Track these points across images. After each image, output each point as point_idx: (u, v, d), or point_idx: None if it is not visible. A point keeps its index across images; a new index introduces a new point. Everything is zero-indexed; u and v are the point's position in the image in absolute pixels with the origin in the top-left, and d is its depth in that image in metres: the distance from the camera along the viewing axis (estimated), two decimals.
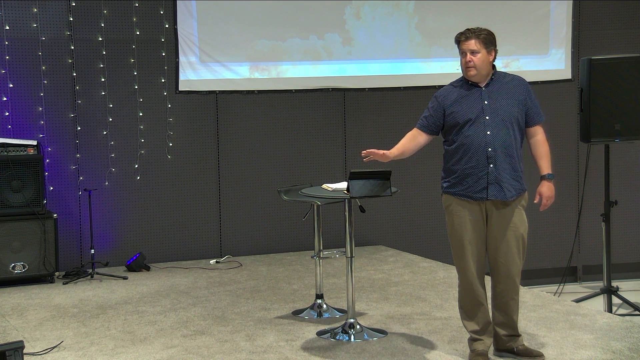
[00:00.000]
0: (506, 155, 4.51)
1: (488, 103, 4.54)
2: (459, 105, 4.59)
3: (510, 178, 4.53)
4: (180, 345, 5.09)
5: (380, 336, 5.18)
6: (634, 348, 4.85)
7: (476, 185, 4.54)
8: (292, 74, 7.92)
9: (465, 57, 4.57)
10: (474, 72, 4.55)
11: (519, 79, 4.69)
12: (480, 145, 4.51)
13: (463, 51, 4.57)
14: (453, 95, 4.64)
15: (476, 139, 4.52)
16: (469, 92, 4.60)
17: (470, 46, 4.54)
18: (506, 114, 4.52)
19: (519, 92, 4.59)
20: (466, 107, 4.57)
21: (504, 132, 4.51)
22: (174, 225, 7.68)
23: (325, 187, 5.38)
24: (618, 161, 8.20)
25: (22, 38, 7.21)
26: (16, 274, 6.81)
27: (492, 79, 4.62)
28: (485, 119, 4.51)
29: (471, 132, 4.53)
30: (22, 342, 4.41)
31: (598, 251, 7.15)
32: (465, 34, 4.57)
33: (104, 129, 7.45)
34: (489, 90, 4.59)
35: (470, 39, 4.54)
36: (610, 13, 8.59)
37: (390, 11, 8.10)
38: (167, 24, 7.56)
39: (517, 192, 4.56)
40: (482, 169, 4.52)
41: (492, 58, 4.60)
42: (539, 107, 4.64)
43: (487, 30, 4.61)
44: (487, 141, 4.50)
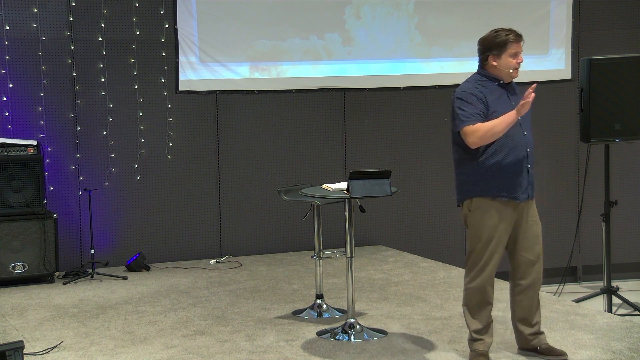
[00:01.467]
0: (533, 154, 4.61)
1: (514, 104, 4.55)
2: (497, 103, 4.53)
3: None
4: (180, 345, 5.09)
5: (380, 336, 5.18)
6: (634, 348, 4.85)
7: (520, 185, 4.54)
8: (292, 74, 7.92)
9: (516, 58, 4.53)
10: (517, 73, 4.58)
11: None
12: (521, 146, 4.53)
13: (515, 52, 4.52)
14: (486, 91, 4.55)
15: (517, 140, 4.52)
16: (500, 92, 4.58)
17: (521, 47, 4.55)
18: (526, 115, 4.57)
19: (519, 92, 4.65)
20: (504, 107, 4.52)
21: (530, 134, 4.60)
22: (174, 225, 7.68)
23: (325, 187, 5.38)
24: (618, 161, 8.20)
25: (22, 38, 7.21)
26: (16, 274, 6.81)
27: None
28: (518, 120, 4.51)
29: (512, 132, 4.51)
30: (22, 342, 4.42)
31: (598, 251, 7.15)
32: (515, 33, 4.54)
33: (104, 129, 7.45)
34: (508, 90, 4.61)
35: (520, 40, 4.54)
36: (610, 13, 8.59)
37: (390, 11, 8.10)
38: (167, 24, 7.56)
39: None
40: (524, 169, 4.55)
41: None
42: None
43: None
44: (526, 141, 4.55)
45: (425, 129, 8.31)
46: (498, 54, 4.54)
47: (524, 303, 4.68)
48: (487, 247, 4.54)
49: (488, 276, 4.59)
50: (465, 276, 4.66)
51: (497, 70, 4.57)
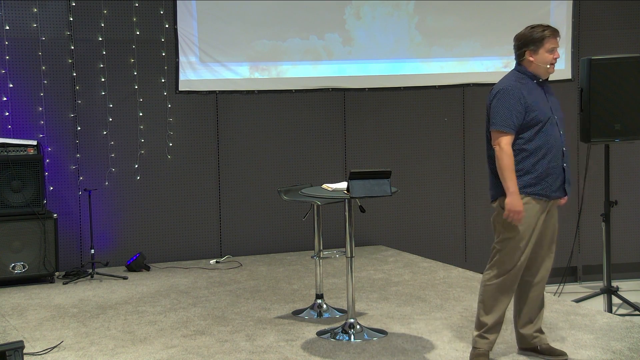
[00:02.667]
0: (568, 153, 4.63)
1: (550, 103, 4.58)
2: (536, 102, 4.52)
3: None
4: (180, 345, 5.09)
5: (380, 336, 5.18)
6: (634, 348, 4.85)
7: (555, 183, 4.55)
8: (292, 74, 7.92)
9: (553, 54, 4.54)
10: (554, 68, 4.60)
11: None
12: (558, 145, 4.54)
13: (552, 47, 4.53)
14: (524, 91, 4.51)
15: (554, 138, 4.53)
16: (538, 90, 4.58)
17: (557, 42, 4.56)
18: (561, 114, 4.63)
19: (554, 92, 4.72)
20: (542, 106, 4.53)
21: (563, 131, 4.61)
22: (174, 225, 7.68)
23: (325, 187, 5.38)
24: (618, 161, 8.20)
25: (22, 38, 7.21)
26: (16, 274, 6.81)
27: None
28: (555, 119, 4.55)
29: (550, 130, 4.52)
30: (22, 342, 4.41)
31: (598, 251, 7.15)
32: (551, 28, 4.54)
33: (104, 129, 7.45)
34: (544, 89, 4.61)
35: (557, 35, 4.55)
36: (610, 13, 8.59)
37: (390, 11, 8.10)
38: (167, 24, 7.56)
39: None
40: (559, 167, 4.56)
41: None
42: None
43: None
44: (562, 140, 4.58)
45: (425, 129, 8.31)
46: (535, 49, 4.53)
47: (532, 301, 4.67)
48: (519, 243, 4.52)
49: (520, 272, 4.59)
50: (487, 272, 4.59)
51: (535, 66, 4.55)
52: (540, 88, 4.59)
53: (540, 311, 4.71)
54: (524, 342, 4.74)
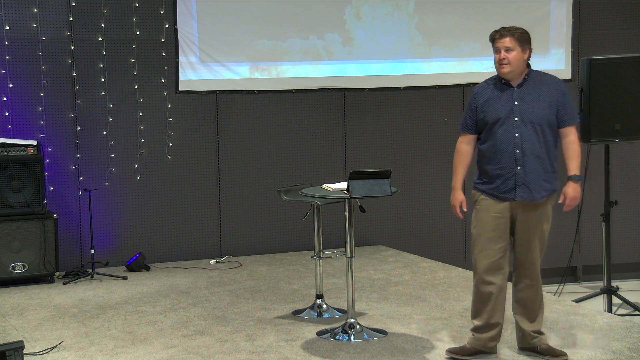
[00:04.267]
0: (535, 157, 4.53)
1: (518, 104, 4.55)
2: (491, 104, 4.60)
3: (540, 179, 4.55)
4: (180, 345, 5.09)
5: (380, 336, 5.18)
6: (634, 348, 4.85)
7: (504, 186, 4.57)
8: (292, 74, 7.92)
9: (499, 54, 4.58)
10: (508, 68, 4.56)
11: (553, 79, 4.68)
12: (508, 147, 4.54)
13: (497, 48, 4.59)
14: (486, 93, 4.65)
15: (505, 141, 4.54)
16: (501, 92, 4.61)
17: (505, 43, 4.56)
18: (535, 115, 4.53)
19: (551, 92, 4.59)
20: (497, 107, 4.58)
21: (533, 135, 4.53)
22: (174, 225, 7.68)
23: (325, 187, 5.38)
24: (618, 161, 8.20)
25: (22, 38, 7.21)
26: (16, 274, 6.81)
27: (526, 79, 4.62)
28: (514, 120, 4.53)
29: (501, 132, 4.55)
30: (22, 342, 4.41)
31: (598, 251, 7.15)
32: (500, 31, 4.59)
33: (104, 129, 7.45)
34: (521, 90, 4.59)
35: (505, 37, 4.56)
36: (610, 13, 8.59)
37: (390, 11, 8.10)
38: (167, 24, 7.56)
39: (548, 192, 4.59)
40: (510, 170, 4.55)
41: (526, 57, 4.62)
42: (572, 108, 4.63)
43: (522, 29, 4.64)
44: (516, 143, 4.53)
45: (425, 129, 8.31)
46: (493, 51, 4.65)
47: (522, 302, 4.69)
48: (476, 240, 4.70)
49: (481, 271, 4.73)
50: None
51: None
52: (509, 89, 4.60)
53: (537, 312, 4.69)
54: (524, 342, 4.74)
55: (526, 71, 4.64)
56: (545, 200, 4.60)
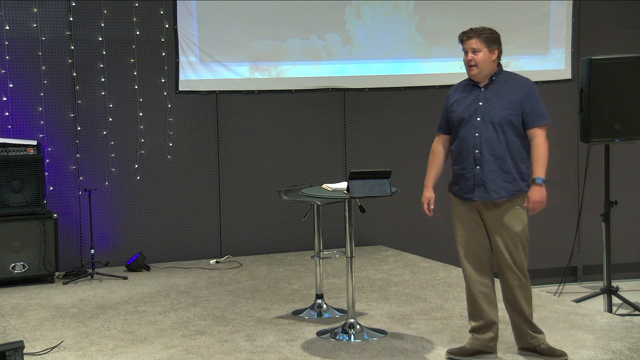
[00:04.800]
0: (494, 157, 4.51)
1: (482, 104, 4.57)
2: (459, 105, 4.66)
3: (499, 180, 4.51)
4: (180, 345, 5.09)
5: (380, 336, 5.18)
6: (634, 348, 4.85)
7: (465, 186, 4.61)
8: (292, 74, 7.92)
9: (466, 56, 4.60)
10: (475, 70, 4.58)
11: (520, 80, 4.64)
12: (469, 147, 4.56)
13: (465, 50, 4.61)
14: (457, 94, 4.72)
15: (466, 141, 4.57)
16: (470, 92, 4.65)
17: (472, 45, 4.57)
18: (495, 116, 4.51)
19: (515, 93, 4.55)
20: (463, 107, 4.63)
21: (493, 135, 4.51)
22: (174, 225, 7.68)
23: (325, 187, 5.38)
24: (618, 161, 8.20)
25: (22, 38, 7.21)
26: (16, 274, 6.81)
27: (494, 80, 4.61)
28: (476, 121, 4.55)
29: (463, 133, 4.60)
30: (22, 342, 4.42)
31: (598, 251, 7.15)
32: (468, 33, 4.61)
33: (104, 129, 7.45)
34: (487, 91, 4.60)
35: (471, 38, 4.58)
36: (610, 13, 8.59)
37: (390, 11, 8.10)
38: (167, 24, 7.56)
39: (510, 193, 4.53)
40: (470, 170, 4.57)
41: (494, 57, 4.60)
42: (538, 110, 4.54)
43: (490, 29, 4.62)
44: (475, 143, 4.54)
45: (425, 129, 8.29)
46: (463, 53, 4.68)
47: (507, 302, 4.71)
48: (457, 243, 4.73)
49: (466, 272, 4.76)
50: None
51: None
52: (476, 90, 4.62)
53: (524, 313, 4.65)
54: (522, 342, 4.75)
55: (495, 72, 4.61)
56: (508, 201, 4.53)
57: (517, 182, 4.54)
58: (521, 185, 4.56)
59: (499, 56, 4.63)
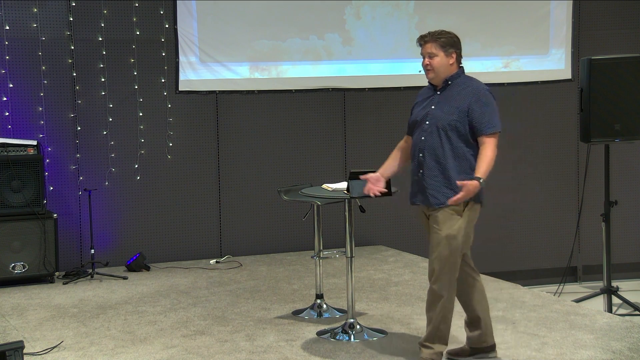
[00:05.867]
0: (436, 162, 4.44)
1: (434, 108, 4.53)
2: (417, 108, 4.68)
3: (440, 186, 4.43)
4: (180, 345, 5.09)
5: (380, 336, 5.18)
6: (634, 348, 4.85)
7: (412, 189, 4.60)
8: (292, 74, 7.92)
9: (424, 60, 4.58)
10: (431, 74, 4.56)
11: (474, 86, 4.49)
12: (416, 151, 4.54)
13: (422, 54, 4.59)
14: (419, 97, 4.73)
15: (415, 144, 4.56)
16: (428, 96, 4.64)
17: (428, 49, 4.54)
18: (441, 120, 4.45)
19: (465, 99, 4.44)
20: (418, 111, 4.62)
21: (436, 139, 4.44)
22: (174, 225, 7.68)
23: (325, 187, 5.38)
24: (618, 161, 8.20)
25: (22, 38, 7.21)
26: (16, 274, 6.81)
27: (449, 84, 4.54)
28: (425, 124, 4.51)
29: (414, 136, 4.59)
30: (22, 342, 4.42)
31: (598, 251, 7.15)
32: (425, 37, 4.57)
33: (104, 129, 7.45)
34: (441, 95, 4.56)
35: (428, 42, 4.55)
36: (610, 13, 8.59)
37: (390, 11, 8.10)
38: (167, 24, 7.56)
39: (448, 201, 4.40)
40: (415, 174, 4.55)
41: (452, 61, 4.52)
42: (487, 118, 4.38)
43: (447, 33, 4.54)
44: (420, 147, 4.51)
45: None
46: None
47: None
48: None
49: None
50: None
51: None
52: (433, 94, 4.60)
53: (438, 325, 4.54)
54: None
55: (451, 76, 4.53)
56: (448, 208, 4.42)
57: (459, 189, 4.33)
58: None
59: (458, 60, 4.55)
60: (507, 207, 8.43)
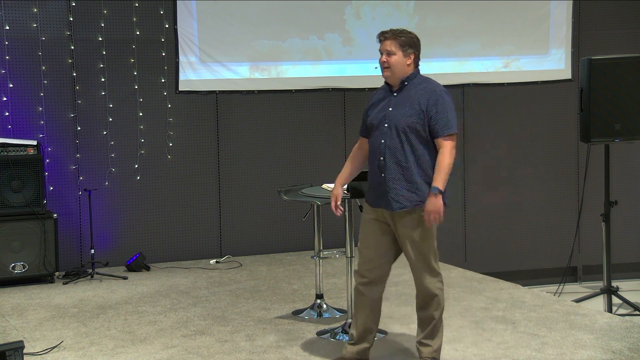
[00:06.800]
0: (398, 166, 4.38)
1: (392, 110, 4.44)
2: (373, 110, 4.55)
3: (402, 189, 4.37)
4: (180, 345, 5.09)
5: (380, 336, 5.18)
6: (634, 348, 4.85)
7: (373, 192, 4.50)
8: (292, 74, 7.92)
9: (381, 57, 4.50)
10: (388, 72, 4.48)
11: (431, 87, 4.44)
12: (376, 154, 4.46)
13: (380, 51, 4.50)
14: (375, 98, 4.60)
15: (374, 147, 4.47)
16: (384, 98, 4.54)
17: (387, 47, 4.47)
18: (400, 122, 4.38)
19: (423, 101, 4.39)
20: (375, 113, 4.51)
21: (397, 143, 4.38)
22: (174, 225, 7.68)
23: (325, 187, 5.38)
24: (618, 161, 8.20)
25: (22, 38, 7.21)
26: (16, 274, 6.81)
27: (405, 85, 4.48)
28: (383, 127, 4.43)
29: (372, 139, 4.49)
30: (22, 342, 4.42)
31: (598, 251, 7.15)
32: (385, 33, 4.49)
33: (104, 129, 7.45)
34: (398, 97, 4.48)
35: (388, 39, 4.47)
36: (610, 13, 8.59)
37: (390, 11, 8.10)
38: (167, 24, 7.56)
39: (413, 203, 4.37)
40: (376, 177, 4.46)
41: (409, 61, 4.47)
42: (444, 120, 4.35)
43: (409, 33, 4.49)
44: (381, 150, 4.43)
45: None
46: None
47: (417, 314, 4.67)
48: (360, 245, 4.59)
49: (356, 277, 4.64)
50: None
51: None
52: (389, 95, 4.51)
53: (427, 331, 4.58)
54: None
55: (407, 76, 4.48)
56: (412, 212, 4.39)
57: (422, 192, 4.35)
58: (426, 195, 4.36)
59: (415, 61, 4.50)
60: (507, 207, 8.43)
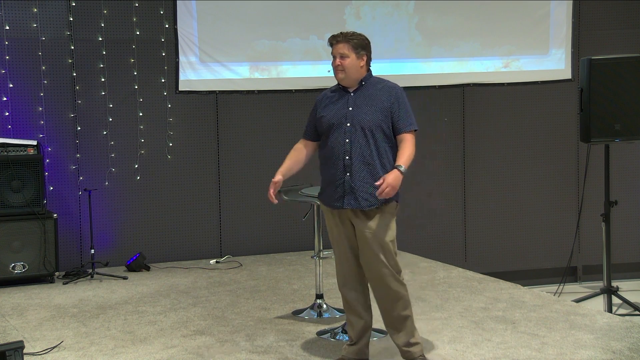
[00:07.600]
0: (364, 164, 4.40)
1: (352, 109, 4.46)
2: (328, 110, 4.55)
3: (370, 187, 4.39)
4: (180, 345, 5.09)
5: (380, 336, 5.18)
6: (634, 348, 4.85)
7: (334, 194, 4.50)
8: (292, 74, 7.92)
9: (334, 61, 4.51)
10: (342, 75, 4.49)
11: (390, 86, 4.54)
12: (339, 154, 4.46)
13: (333, 54, 4.52)
14: (327, 100, 4.60)
15: (336, 147, 4.47)
16: (339, 98, 4.54)
17: (340, 50, 4.48)
18: (365, 121, 4.41)
19: (385, 99, 4.46)
20: (332, 113, 4.51)
21: (363, 141, 4.41)
22: (174, 225, 7.68)
23: None
24: (618, 161, 8.20)
25: (22, 38, 7.21)
26: (16, 274, 6.81)
27: (363, 85, 4.52)
28: (346, 126, 4.44)
29: (332, 139, 4.49)
30: (22, 342, 4.42)
31: (598, 251, 7.15)
32: (337, 37, 4.52)
33: (104, 129, 7.45)
34: (356, 96, 4.50)
35: (340, 43, 4.49)
36: (610, 13, 8.59)
37: (390, 11, 8.10)
38: (167, 24, 7.56)
39: (381, 201, 4.40)
40: (339, 177, 4.46)
41: (362, 63, 4.50)
42: (407, 116, 4.48)
43: (359, 35, 4.52)
44: (345, 149, 4.43)
45: (425, 129, 8.29)
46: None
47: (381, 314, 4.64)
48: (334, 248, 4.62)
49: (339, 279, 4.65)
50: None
51: None
52: (346, 95, 4.52)
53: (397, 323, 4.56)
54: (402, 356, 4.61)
55: (364, 77, 4.52)
56: (379, 210, 4.42)
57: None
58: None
59: (368, 62, 4.54)
60: (507, 207, 8.44)
